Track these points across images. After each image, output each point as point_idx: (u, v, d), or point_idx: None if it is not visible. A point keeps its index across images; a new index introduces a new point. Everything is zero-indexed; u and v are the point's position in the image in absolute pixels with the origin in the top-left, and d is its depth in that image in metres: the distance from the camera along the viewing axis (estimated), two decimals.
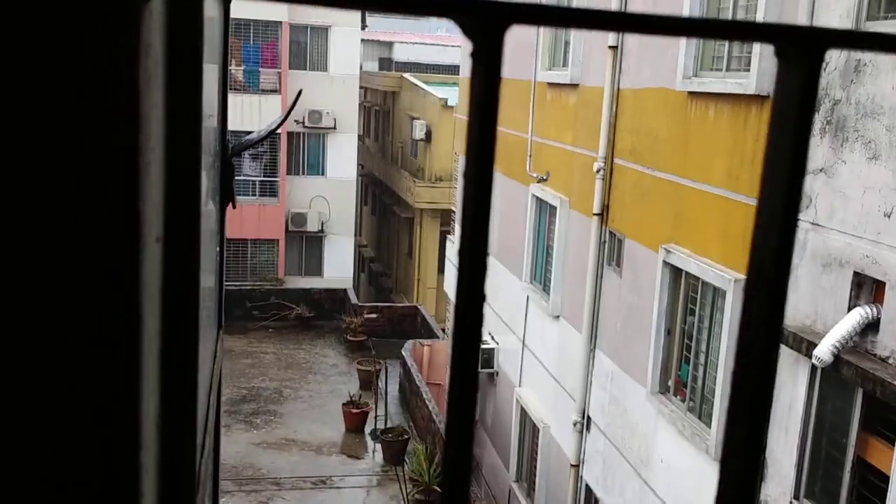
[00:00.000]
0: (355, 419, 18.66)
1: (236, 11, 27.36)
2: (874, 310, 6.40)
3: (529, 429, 13.89)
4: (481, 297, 0.58)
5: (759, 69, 7.73)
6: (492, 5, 0.54)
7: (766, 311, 0.62)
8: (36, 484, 0.53)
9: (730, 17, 8.54)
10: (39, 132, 0.51)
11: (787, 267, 0.61)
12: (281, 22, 26.64)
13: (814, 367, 6.90)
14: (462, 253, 0.57)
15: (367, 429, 18.73)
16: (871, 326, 6.42)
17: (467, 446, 0.54)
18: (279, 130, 26.50)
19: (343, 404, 18.92)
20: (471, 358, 0.55)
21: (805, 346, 6.88)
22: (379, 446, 17.86)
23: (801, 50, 0.58)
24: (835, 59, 6.83)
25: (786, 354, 7.34)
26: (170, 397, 0.80)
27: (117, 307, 0.54)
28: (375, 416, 18.62)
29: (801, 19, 7.20)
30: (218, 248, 1.67)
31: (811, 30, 0.59)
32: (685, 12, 8.99)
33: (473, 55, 0.56)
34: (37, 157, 0.51)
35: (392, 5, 0.56)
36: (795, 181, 0.60)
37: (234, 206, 1.76)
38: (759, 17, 7.75)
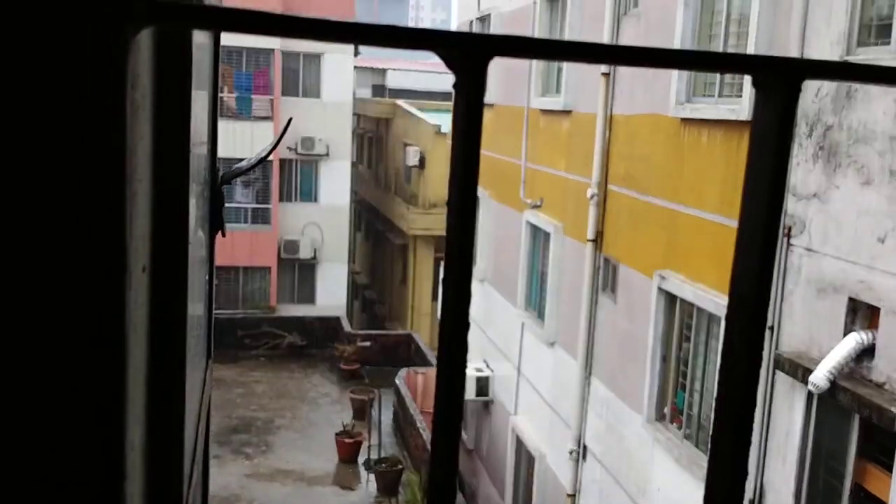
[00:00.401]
0: (348, 449, 18.52)
1: (228, 39, 27.53)
2: (869, 335, 6.40)
3: (525, 458, 13.81)
4: (465, 324, 0.59)
5: (751, 95, 7.78)
6: (473, 38, 0.55)
7: (748, 334, 0.63)
8: None
9: (721, 42, 8.62)
10: (26, 162, 0.51)
11: (767, 291, 0.62)
12: (273, 49, 26.77)
13: (810, 394, 6.88)
14: (447, 279, 0.58)
15: (361, 459, 18.58)
16: (867, 352, 6.41)
17: (453, 458, 0.54)
18: (271, 157, 26.56)
19: (336, 434, 18.78)
20: (456, 384, 0.55)
21: (801, 372, 6.87)
22: (373, 477, 17.71)
23: (779, 80, 0.59)
24: (826, 84, 6.89)
25: (782, 381, 7.33)
26: (157, 427, 0.80)
27: (102, 337, 0.54)
28: (369, 446, 18.48)
29: (793, 45, 7.27)
30: (207, 277, 1.67)
31: (788, 60, 0.60)
32: (677, 39, 9.08)
33: (456, 86, 0.57)
34: (22, 187, 0.51)
35: (376, 40, 0.56)
36: (774, 207, 0.61)
37: (223, 235, 1.76)
38: (751, 43, 7.83)
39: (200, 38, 1.38)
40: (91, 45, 0.50)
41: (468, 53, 0.56)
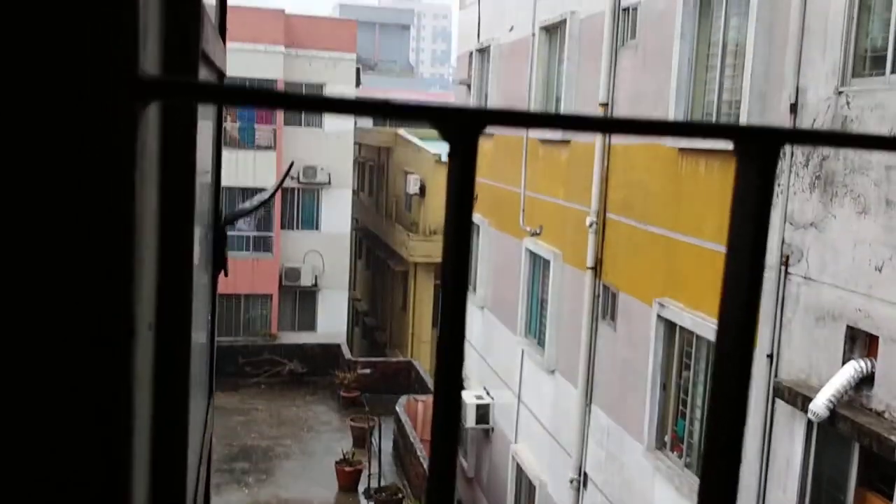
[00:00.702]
0: (348, 477, 18.42)
1: (232, 69, 27.71)
2: (868, 364, 6.41)
3: (526, 486, 13.74)
4: (458, 388, 0.61)
5: (748, 123, 7.84)
6: (465, 111, 0.57)
7: (734, 393, 0.65)
8: None
9: (717, 73, 8.69)
10: (39, 231, 0.53)
11: (750, 356, 0.64)
12: (276, 80, 26.97)
13: (810, 422, 6.88)
14: (440, 350, 0.60)
15: (361, 487, 18.47)
16: (866, 380, 6.42)
17: (450, 483, 0.56)
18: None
19: (336, 462, 18.70)
20: (453, 410, 0.57)
21: (801, 400, 6.87)
22: None
23: (758, 147, 0.62)
24: (822, 114, 6.95)
25: (781, 409, 7.32)
26: (159, 481, 0.82)
27: (108, 397, 0.57)
28: (369, 475, 18.38)
29: (788, 76, 7.34)
30: (209, 317, 1.69)
31: (767, 129, 0.63)
32: (674, 69, 9.15)
33: (450, 155, 0.60)
34: (34, 255, 0.53)
35: (375, 111, 0.60)
36: (755, 272, 0.63)
37: (226, 275, 1.78)
38: (747, 73, 7.89)
39: (209, 75, 1.42)
40: (99, 121, 0.52)
41: (461, 125, 0.59)
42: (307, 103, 0.57)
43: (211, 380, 1.79)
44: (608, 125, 0.59)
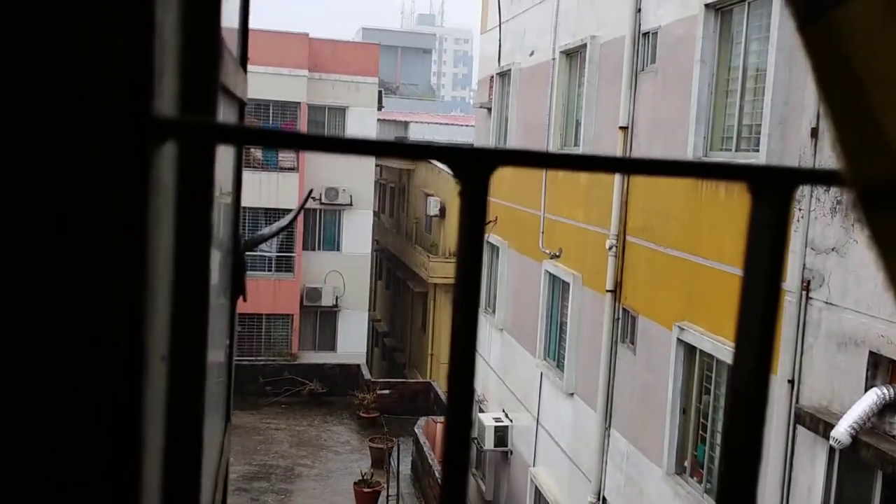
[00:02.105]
0: (367, 499, 18.37)
1: (256, 92, 27.93)
2: (891, 390, 6.33)
3: None
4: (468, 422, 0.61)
5: (768, 148, 7.82)
6: (477, 152, 0.58)
7: (748, 437, 0.64)
8: None
9: (738, 97, 8.67)
10: (49, 269, 0.54)
11: (766, 394, 0.64)
12: (300, 103, 27.20)
13: (832, 449, 6.79)
14: (450, 380, 0.60)
15: None
16: (889, 407, 6.34)
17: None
18: (295, 207, 26.80)
19: (354, 483, 18.65)
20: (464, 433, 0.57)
21: (822, 427, 6.78)
22: None
23: (772, 188, 0.62)
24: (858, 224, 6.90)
25: (803, 435, 7.24)
26: None
27: (119, 431, 0.57)
28: (388, 496, 18.32)
29: (809, 101, 7.31)
30: (228, 341, 1.70)
31: (781, 169, 0.63)
32: (694, 94, 9.14)
33: (461, 194, 0.60)
34: (44, 293, 0.54)
35: (389, 151, 0.60)
36: (769, 313, 0.63)
37: (244, 300, 1.80)
38: (767, 99, 7.87)
39: (226, 115, 1.43)
40: (113, 161, 0.53)
41: (472, 165, 0.60)
42: (320, 143, 0.58)
43: (228, 404, 1.80)
44: (621, 165, 0.60)
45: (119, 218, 0.53)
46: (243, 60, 1.72)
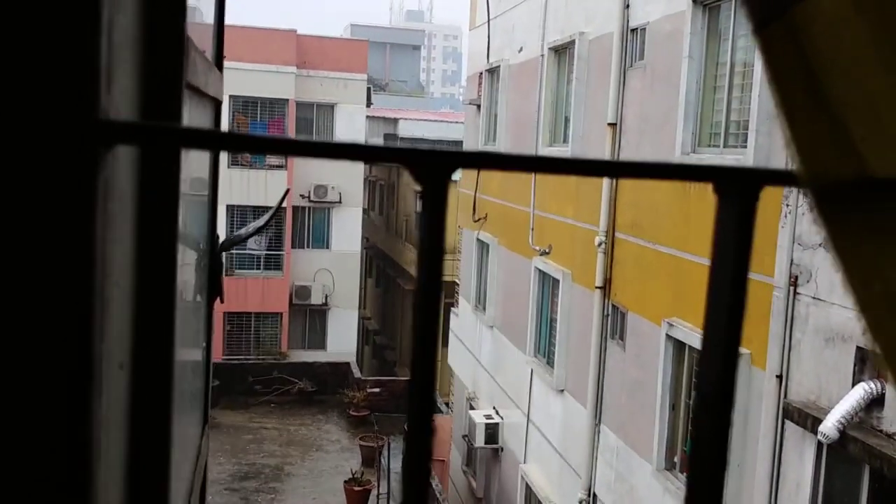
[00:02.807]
0: (357, 497, 18.35)
1: (244, 89, 27.77)
2: (879, 385, 6.35)
3: None
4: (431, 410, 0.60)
5: (755, 145, 7.83)
6: (436, 154, 0.57)
7: (715, 457, 0.64)
8: None
9: (725, 93, 8.68)
10: None
11: (731, 397, 0.63)
12: (288, 99, 27.13)
13: (820, 444, 6.81)
14: (412, 383, 0.59)
15: None
16: (877, 402, 6.36)
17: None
18: (284, 205, 26.74)
19: (345, 482, 18.63)
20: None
21: (810, 422, 6.80)
22: None
23: (738, 188, 0.61)
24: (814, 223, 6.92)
25: (791, 430, 7.26)
26: None
27: (67, 438, 0.55)
28: (378, 494, 18.32)
29: None
30: (205, 343, 1.69)
31: (747, 170, 0.62)
32: (682, 90, 9.15)
33: (421, 196, 0.59)
34: None
35: (347, 154, 0.59)
36: (737, 310, 0.62)
37: (222, 301, 1.78)
38: (755, 94, 7.88)
39: (200, 116, 1.42)
40: (58, 165, 0.52)
41: (431, 167, 0.59)
42: (276, 146, 0.57)
43: (206, 405, 1.78)
44: (584, 167, 0.59)
45: (63, 223, 0.52)
46: (219, 59, 1.71)
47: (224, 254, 1.94)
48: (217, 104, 1.60)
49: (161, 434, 0.79)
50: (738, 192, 0.61)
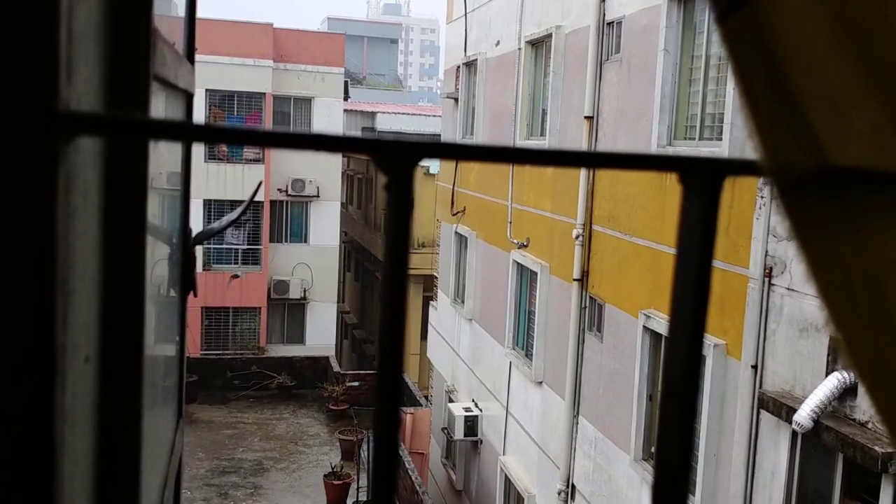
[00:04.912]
0: (337, 491, 18.34)
1: (220, 83, 27.57)
2: (852, 374, 6.42)
3: (514, 498, 13.70)
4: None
5: (730, 138, 7.88)
6: (400, 145, 0.57)
7: (678, 447, 0.64)
8: None
9: (701, 86, 8.73)
10: None
11: (696, 381, 0.63)
12: (265, 93, 26.99)
13: (794, 433, 6.88)
14: (379, 373, 0.59)
15: (350, 501, 18.39)
16: (850, 391, 6.43)
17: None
18: (262, 199, 26.63)
19: (324, 476, 18.62)
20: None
21: (785, 411, 6.88)
22: None
23: (703, 178, 0.62)
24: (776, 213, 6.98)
25: (766, 420, 7.33)
26: None
27: (28, 431, 0.55)
28: (358, 488, 18.32)
29: None
30: (178, 338, 1.68)
31: (710, 160, 0.62)
32: (657, 83, 9.19)
33: (386, 187, 0.59)
34: None
35: (311, 144, 0.59)
36: (701, 297, 0.63)
37: (195, 295, 1.77)
38: (730, 87, 7.94)
39: (171, 108, 1.41)
40: (15, 157, 0.51)
41: (396, 157, 0.59)
42: (238, 136, 0.57)
43: (180, 400, 1.77)
44: (551, 157, 0.59)
45: (22, 216, 0.51)
46: (190, 51, 1.69)
47: (200, 248, 1.93)
48: (189, 97, 1.59)
49: (131, 428, 0.78)
50: (703, 182, 0.61)
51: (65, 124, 0.52)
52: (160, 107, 1.17)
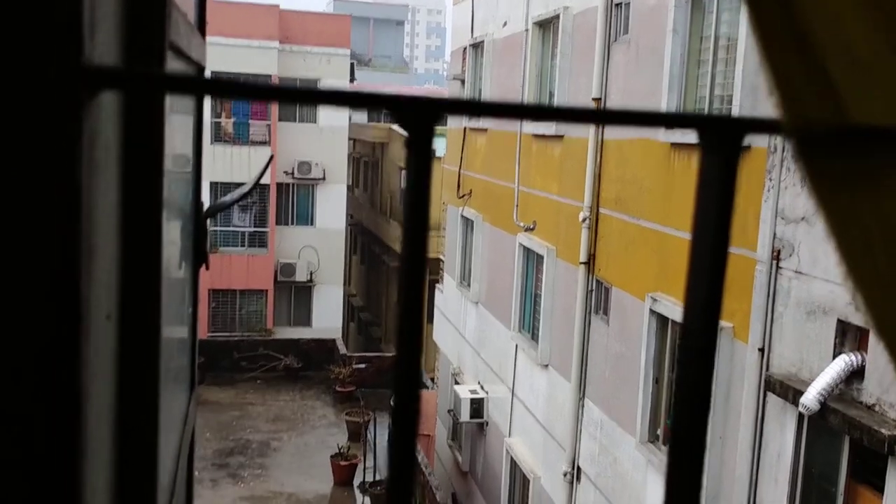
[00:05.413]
0: (344, 472, 18.45)
1: (226, 65, 27.50)
2: (859, 357, 6.42)
3: (520, 480, 13.76)
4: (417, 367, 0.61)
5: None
6: (422, 101, 0.57)
7: (696, 419, 0.64)
8: None
9: (710, 67, 8.69)
10: None
11: (713, 347, 0.64)
12: (271, 75, 26.93)
13: (801, 416, 6.89)
14: (399, 332, 0.60)
15: (356, 481, 18.50)
16: (857, 374, 6.43)
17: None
18: (268, 182, 26.63)
19: (331, 456, 18.72)
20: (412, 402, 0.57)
21: (792, 394, 6.88)
22: (368, 499, 17.63)
23: (722, 137, 0.62)
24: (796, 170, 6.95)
25: (773, 402, 7.34)
26: (126, 472, 0.81)
27: (55, 387, 0.56)
28: (364, 469, 18.41)
29: None
30: (191, 309, 1.69)
31: (730, 119, 0.62)
32: (666, 64, 9.15)
33: (407, 144, 0.59)
34: None
35: (331, 101, 0.59)
36: (718, 265, 0.63)
37: (206, 268, 1.78)
38: (738, 68, 7.90)
39: (185, 70, 1.41)
40: (44, 108, 0.52)
41: (417, 113, 0.59)
42: (259, 92, 0.57)
43: (193, 374, 1.78)
44: (568, 115, 0.59)
45: (48, 166, 0.52)
46: (201, 26, 1.69)
47: (208, 223, 1.94)
48: (200, 70, 1.59)
49: (149, 384, 0.79)
50: (722, 141, 0.61)
51: (90, 78, 0.52)
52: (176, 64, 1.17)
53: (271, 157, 3.92)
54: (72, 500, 0.57)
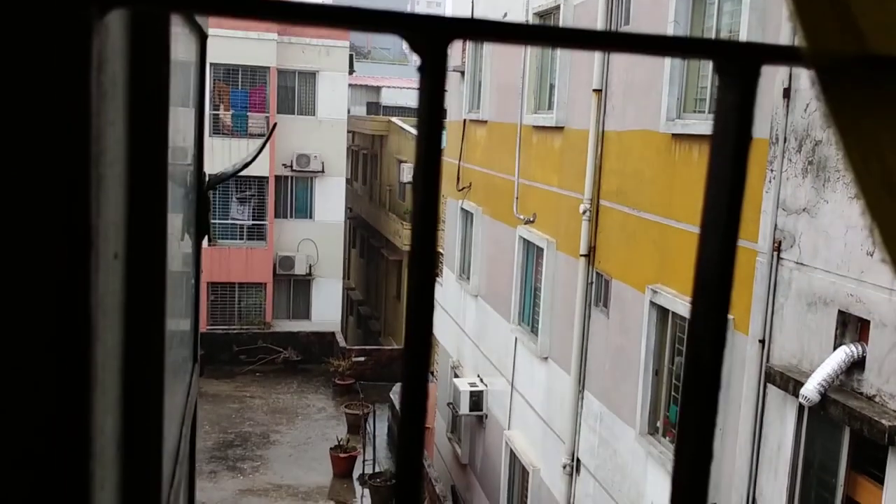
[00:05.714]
0: (343, 464, 18.46)
1: (225, 57, 27.47)
2: (859, 348, 6.42)
3: (519, 472, 13.77)
4: (429, 319, 0.59)
5: None
6: (435, 20, 0.56)
7: (712, 324, 0.63)
8: None
9: (710, 67, 8.65)
10: None
11: (730, 279, 0.63)
12: (269, 67, 26.88)
13: (801, 407, 6.89)
14: (411, 268, 0.59)
15: (356, 474, 18.51)
16: (857, 365, 6.43)
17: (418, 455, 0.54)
18: (266, 174, 26.60)
19: (331, 449, 18.73)
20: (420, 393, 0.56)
21: (792, 385, 6.88)
22: (367, 491, 17.65)
23: (739, 64, 0.61)
24: (815, 100, 6.93)
25: (773, 394, 7.34)
26: (132, 415, 0.80)
27: (66, 320, 0.55)
28: (364, 461, 18.43)
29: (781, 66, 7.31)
30: (194, 281, 1.68)
31: (748, 45, 0.61)
32: (666, 66, 9.12)
33: (420, 68, 0.58)
34: None
35: (341, 23, 0.58)
36: (735, 197, 0.62)
37: (209, 242, 1.77)
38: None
39: (186, 50, 1.40)
40: (52, 26, 0.51)
41: (431, 34, 0.57)
42: (266, 9, 0.56)
43: (195, 343, 1.77)
44: (584, 38, 0.58)
45: (58, 84, 0.51)
46: None
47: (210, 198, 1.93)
48: (203, 38, 1.58)
49: (156, 324, 0.78)
50: (739, 69, 0.60)
51: None
52: (177, 41, 1.16)
53: (275, 125, 3.91)
54: (80, 424, 0.56)
